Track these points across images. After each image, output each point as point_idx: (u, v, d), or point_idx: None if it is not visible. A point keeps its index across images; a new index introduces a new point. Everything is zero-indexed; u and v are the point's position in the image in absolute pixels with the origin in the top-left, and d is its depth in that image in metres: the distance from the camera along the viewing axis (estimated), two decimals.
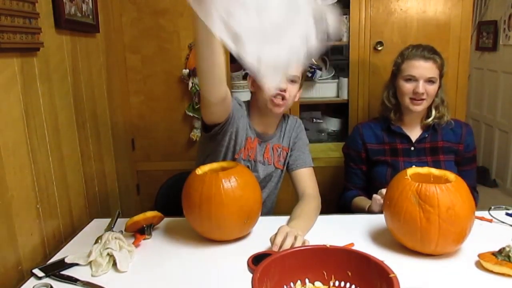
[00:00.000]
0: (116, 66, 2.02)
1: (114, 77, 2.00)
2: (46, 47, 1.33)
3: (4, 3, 1.11)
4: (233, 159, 1.51)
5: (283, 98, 1.45)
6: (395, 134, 1.68)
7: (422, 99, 1.59)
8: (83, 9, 1.62)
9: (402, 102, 1.64)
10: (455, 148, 1.67)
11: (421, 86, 1.57)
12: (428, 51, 1.61)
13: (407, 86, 1.60)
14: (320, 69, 2.17)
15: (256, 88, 1.50)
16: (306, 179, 1.58)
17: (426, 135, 1.66)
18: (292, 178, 1.62)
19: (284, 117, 1.65)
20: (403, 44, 2.01)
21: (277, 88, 1.24)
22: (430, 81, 1.58)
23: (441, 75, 1.63)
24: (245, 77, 2.25)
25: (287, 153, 1.63)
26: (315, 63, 2.20)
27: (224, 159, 1.50)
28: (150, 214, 1.32)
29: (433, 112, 1.65)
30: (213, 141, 1.48)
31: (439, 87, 1.64)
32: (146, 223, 1.33)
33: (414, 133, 1.68)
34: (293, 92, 1.48)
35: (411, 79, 1.59)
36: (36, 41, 1.27)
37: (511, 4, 3.49)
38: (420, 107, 1.61)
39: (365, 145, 1.71)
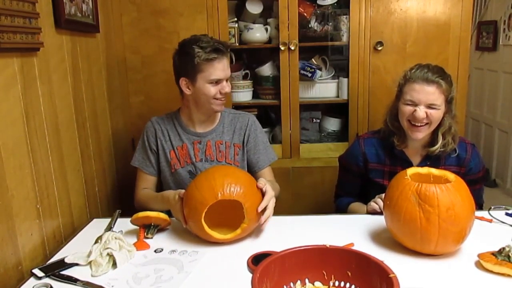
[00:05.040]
0: (116, 66, 2.02)
1: (114, 77, 2.00)
2: (46, 47, 1.33)
3: (4, 3, 1.11)
4: (172, 174, 1.64)
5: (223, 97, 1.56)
6: (397, 158, 1.58)
7: (422, 125, 1.47)
8: (83, 9, 1.62)
9: (403, 126, 1.52)
10: (456, 171, 1.52)
11: (421, 111, 1.44)
12: (433, 73, 1.46)
13: (407, 108, 1.48)
14: (320, 69, 2.16)
15: (194, 90, 1.54)
16: (266, 177, 1.60)
17: (428, 163, 1.53)
18: (256, 178, 1.61)
19: (222, 113, 1.69)
20: (403, 44, 2.03)
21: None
22: (431, 107, 1.45)
23: (447, 100, 1.48)
24: (245, 77, 2.25)
25: (239, 149, 1.66)
26: (315, 63, 2.20)
27: (164, 177, 1.66)
28: (163, 215, 1.33)
29: (440, 139, 1.50)
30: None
31: (447, 112, 1.50)
32: (155, 222, 1.33)
33: (416, 159, 1.58)
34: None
35: (411, 103, 1.47)
36: (36, 41, 1.27)
37: (511, 4, 3.49)
38: (421, 134, 1.48)
39: (367, 163, 1.62)
